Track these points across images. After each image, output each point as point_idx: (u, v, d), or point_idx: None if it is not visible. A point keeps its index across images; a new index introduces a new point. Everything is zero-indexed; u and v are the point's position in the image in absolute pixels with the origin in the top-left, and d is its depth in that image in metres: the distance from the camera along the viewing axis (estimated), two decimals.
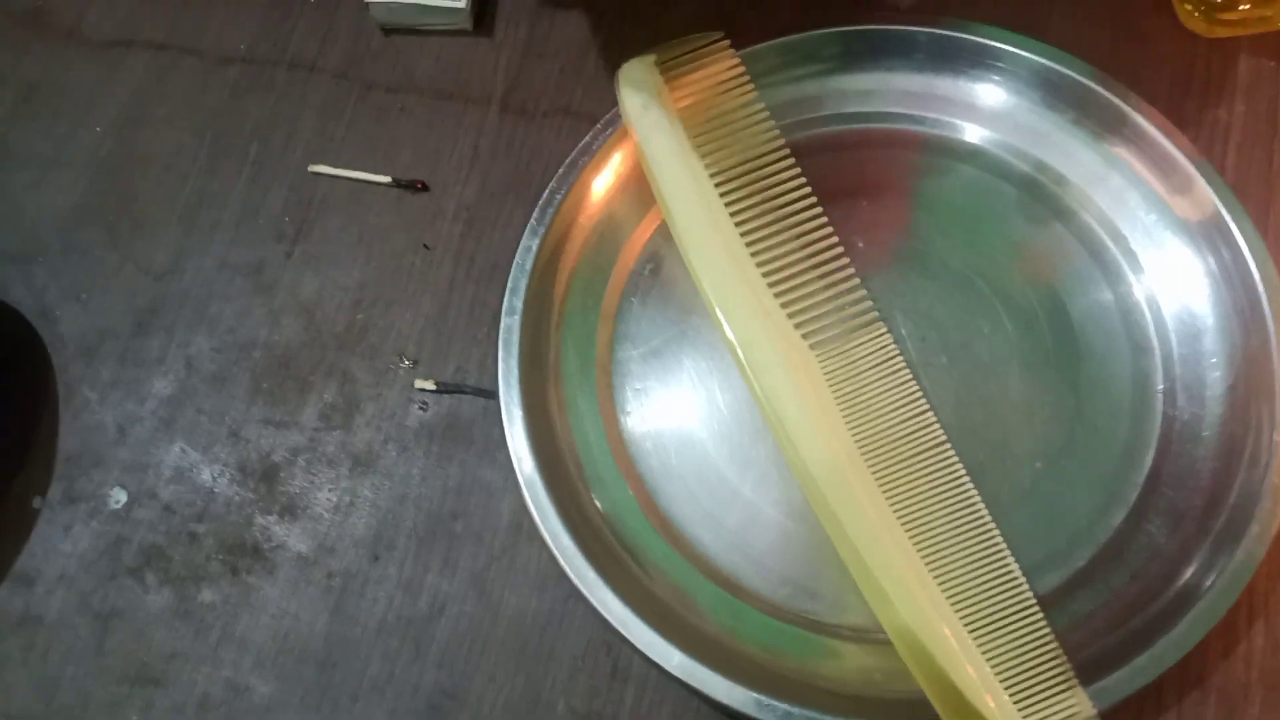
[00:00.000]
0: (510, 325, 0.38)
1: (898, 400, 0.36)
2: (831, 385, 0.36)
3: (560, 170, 0.40)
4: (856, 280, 0.38)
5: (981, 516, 0.35)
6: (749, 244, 0.37)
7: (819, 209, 0.38)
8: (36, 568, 0.38)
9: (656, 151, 0.38)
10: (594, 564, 0.34)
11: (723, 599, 0.36)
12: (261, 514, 0.38)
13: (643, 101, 0.39)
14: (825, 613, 0.35)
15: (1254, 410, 0.35)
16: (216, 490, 0.38)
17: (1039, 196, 0.40)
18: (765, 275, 0.37)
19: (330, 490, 0.38)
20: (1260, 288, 0.36)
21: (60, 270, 0.42)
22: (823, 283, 0.37)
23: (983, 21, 0.40)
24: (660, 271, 0.40)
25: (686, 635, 0.34)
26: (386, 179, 0.42)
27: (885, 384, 0.36)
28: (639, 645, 0.33)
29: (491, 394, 0.38)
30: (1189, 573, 0.34)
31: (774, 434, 0.36)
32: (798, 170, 0.38)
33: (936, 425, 0.36)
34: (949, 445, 0.36)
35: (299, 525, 0.38)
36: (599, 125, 0.40)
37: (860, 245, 0.39)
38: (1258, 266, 0.36)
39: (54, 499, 0.39)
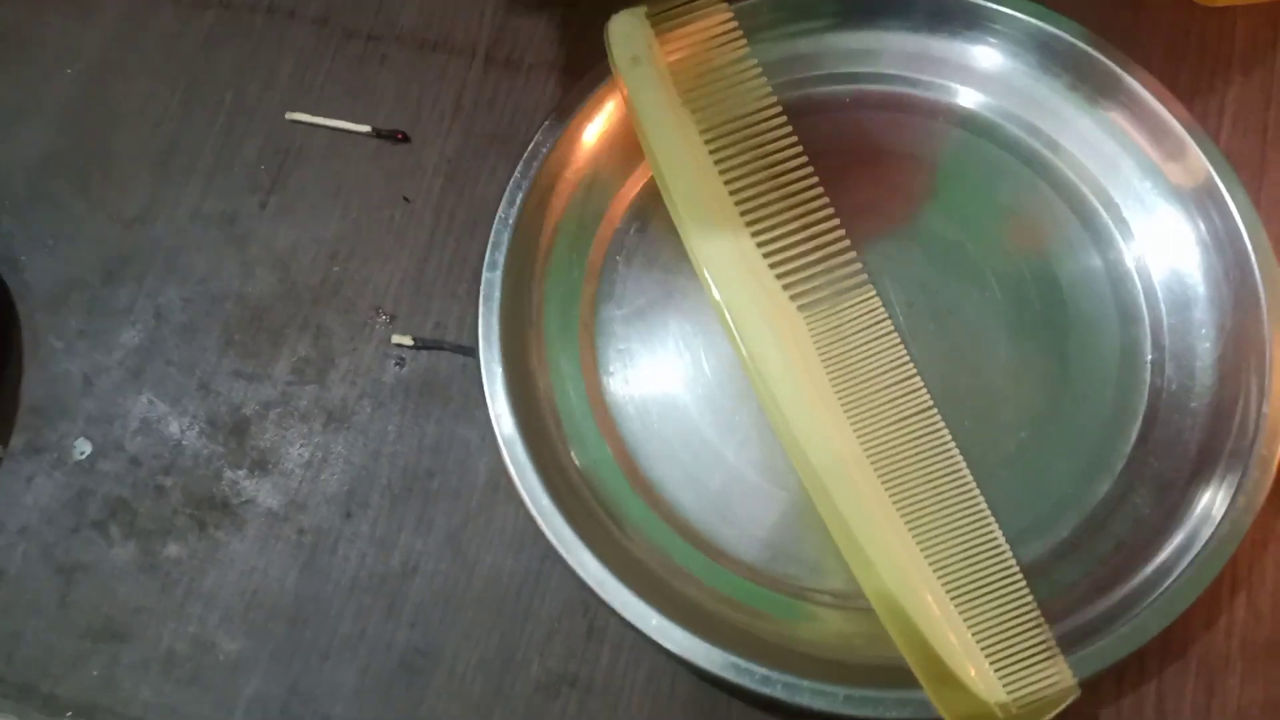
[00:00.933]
0: (491, 280, 0.37)
1: (884, 365, 0.35)
2: (818, 348, 0.35)
3: (546, 123, 0.39)
4: (846, 243, 0.37)
5: (966, 483, 0.34)
6: (738, 203, 0.37)
7: (810, 170, 0.37)
8: None
9: (646, 106, 0.37)
10: (572, 524, 0.34)
11: (702, 562, 0.35)
12: (231, 468, 0.37)
13: (633, 55, 0.38)
14: (806, 577, 0.35)
15: (1243, 381, 0.35)
16: (185, 443, 0.37)
17: (1031, 161, 0.39)
18: (754, 235, 0.36)
19: (302, 445, 0.37)
20: (1252, 257, 0.35)
21: (28, 218, 0.41)
22: (812, 244, 0.37)
23: None
24: (647, 230, 0.39)
25: (664, 597, 0.33)
26: (366, 129, 0.41)
27: (872, 348, 0.36)
28: (616, 606, 0.33)
29: (470, 351, 0.38)
30: (1173, 543, 0.33)
31: (759, 397, 0.35)
32: (790, 129, 0.38)
33: (923, 390, 0.35)
34: (935, 411, 0.35)
35: (269, 480, 0.37)
36: (586, 79, 0.39)
37: (849, 207, 0.39)
38: (1250, 236, 0.35)
39: (16, 449, 0.38)
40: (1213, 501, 0.33)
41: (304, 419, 0.38)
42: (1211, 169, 0.36)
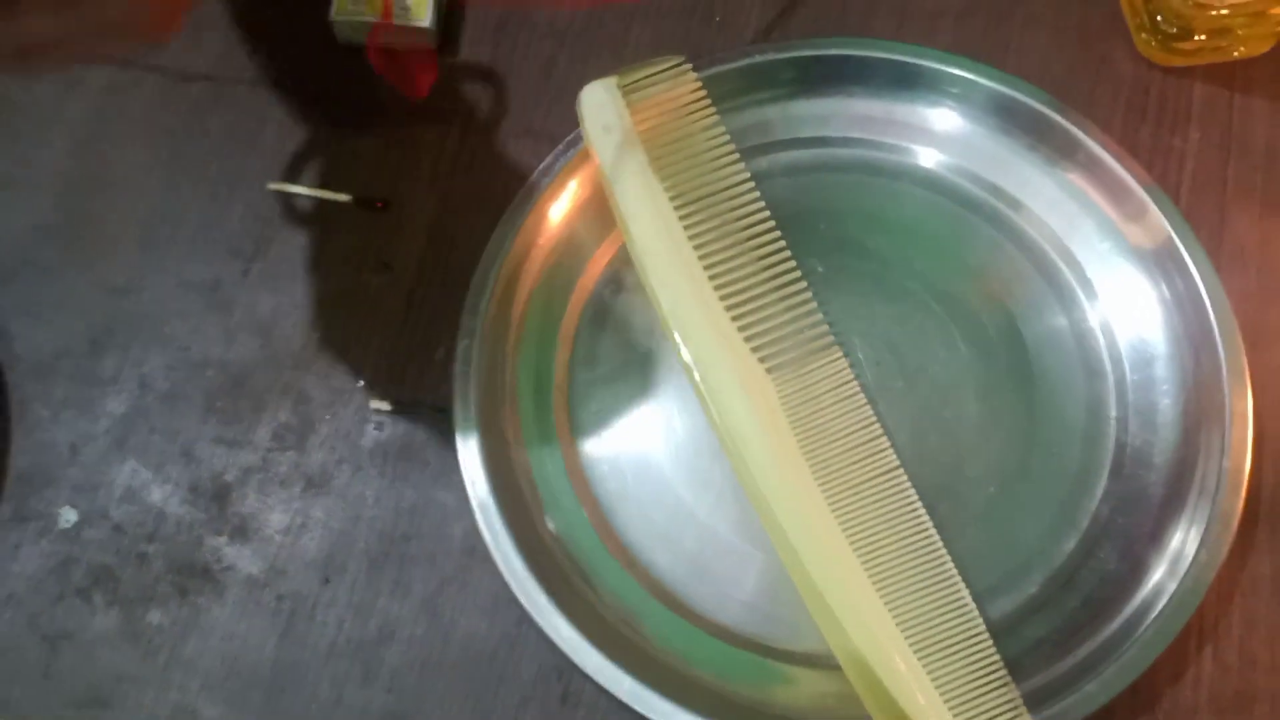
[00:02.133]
0: (467, 346, 0.38)
1: (852, 425, 0.36)
2: (787, 410, 0.36)
3: (521, 190, 0.40)
4: (814, 304, 0.38)
5: (933, 543, 0.35)
6: (707, 267, 0.37)
7: (778, 233, 0.38)
8: None
9: (617, 173, 0.38)
10: (546, 588, 0.34)
11: (676, 624, 0.36)
12: (212, 535, 0.38)
13: (604, 124, 0.39)
14: (780, 638, 0.35)
15: (1204, 437, 0.35)
16: (167, 510, 0.38)
17: (995, 221, 0.40)
18: (723, 299, 0.37)
19: (282, 511, 0.38)
20: (1211, 316, 0.36)
21: (17, 287, 0.41)
22: (781, 306, 0.37)
23: (942, 48, 0.40)
24: (620, 293, 0.40)
25: (638, 661, 0.34)
26: (347, 197, 0.42)
27: (840, 409, 0.36)
28: (589, 671, 0.33)
29: (447, 409, 0.38)
30: (1139, 598, 0.34)
31: (729, 458, 0.36)
32: (757, 194, 0.38)
33: (890, 451, 0.36)
34: (902, 471, 0.36)
35: (250, 546, 0.37)
36: (560, 146, 0.40)
37: (819, 269, 0.40)
38: (1209, 295, 0.36)
39: (4, 517, 0.38)
40: (1177, 555, 0.34)
41: (284, 484, 0.38)
42: (1171, 230, 0.37)
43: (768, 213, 0.38)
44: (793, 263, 0.38)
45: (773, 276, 0.38)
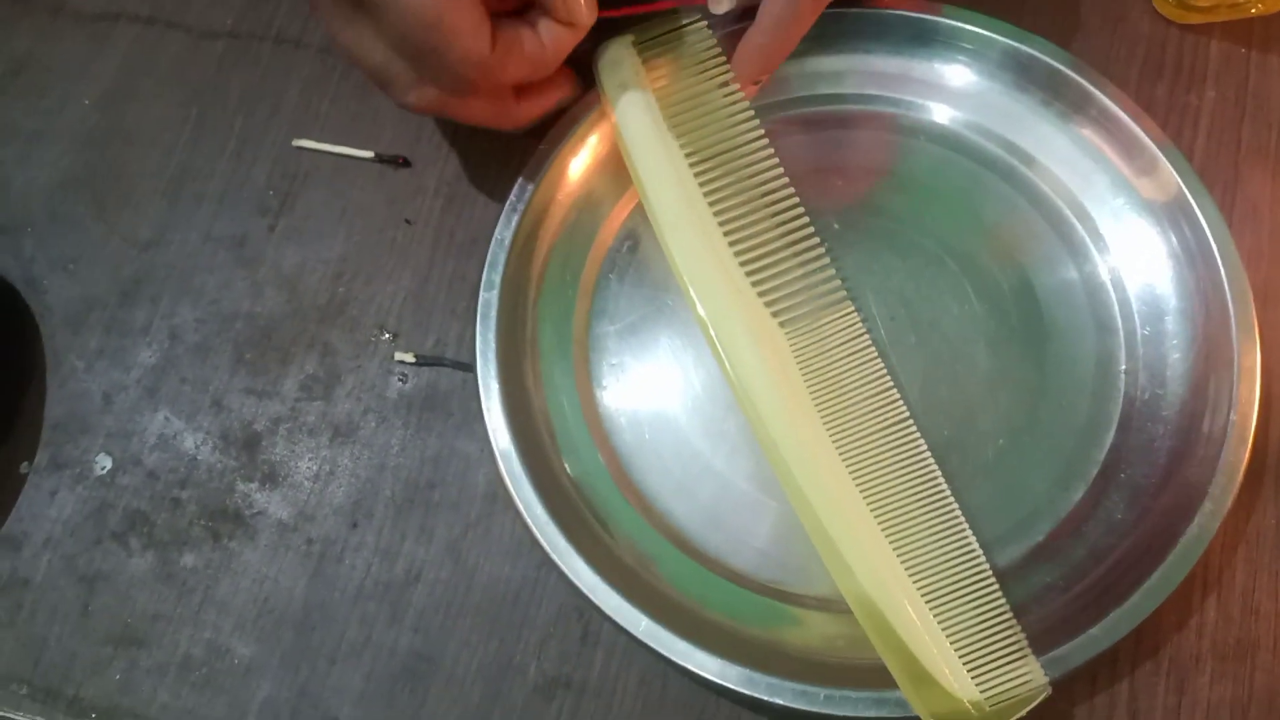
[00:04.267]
0: (489, 300, 0.38)
1: (863, 378, 0.37)
2: (799, 362, 0.37)
3: (540, 147, 0.40)
4: (827, 259, 0.38)
5: (942, 493, 0.36)
6: (722, 223, 0.38)
7: (791, 189, 0.39)
8: (24, 531, 0.39)
9: (632, 130, 0.39)
10: (566, 533, 0.35)
11: (691, 568, 0.37)
12: (243, 481, 0.39)
13: (620, 80, 0.39)
14: (792, 583, 0.36)
15: (1212, 391, 0.36)
16: (199, 458, 0.39)
17: (1009, 177, 0.40)
18: (737, 254, 0.38)
19: (310, 459, 0.39)
20: (1222, 271, 0.36)
21: (48, 241, 0.42)
22: (794, 261, 0.38)
23: (957, 4, 0.41)
24: (638, 249, 0.41)
25: (654, 602, 0.35)
26: (369, 154, 0.42)
27: (852, 361, 0.37)
28: (608, 611, 0.34)
29: (469, 367, 0.39)
30: (1144, 547, 0.34)
31: (743, 409, 0.37)
32: (771, 151, 0.39)
33: (900, 403, 0.37)
34: (912, 422, 0.36)
35: (279, 493, 0.39)
36: (578, 105, 0.40)
37: (834, 225, 0.40)
38: (1220, 250, 0.36)
39: (41, 465, 0.40)
40: (1183, 506, 0.35)
41: (312, 434, 0.39)
42: (1183, 184, 0.37)
43: (781, 169, 0.39)
44: (806, 219, 0.39)
45: (786, 232, 0.38)
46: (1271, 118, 0.41)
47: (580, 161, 0.40)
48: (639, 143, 0.39)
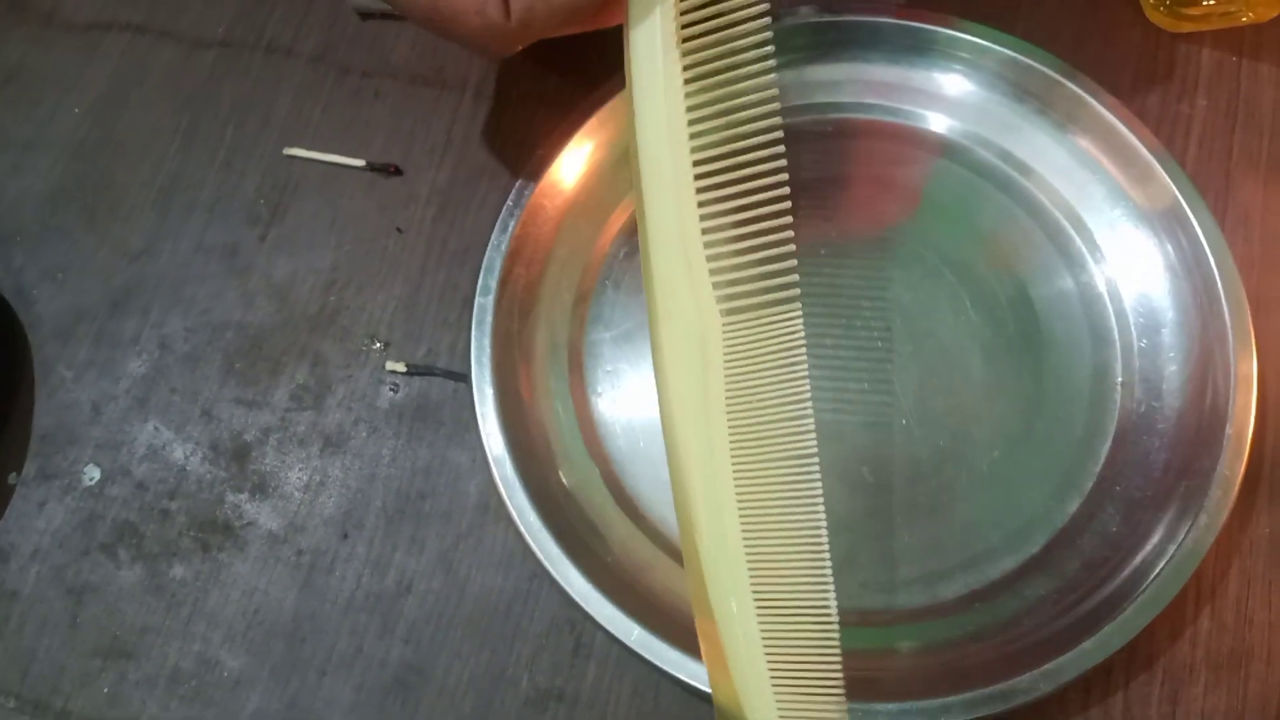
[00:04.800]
0: (484, 305, 0.38)
1: (783, 397, 0.33)
2: (727, 362, 0.33)
3: (536, 154, 0.40)
4: (791, 248, 0.33)
5: (819, 541, 0.32)
6: (699, 175, 0.33)
7: (783, 165, 0.33)
8: (12, 543, 0.38)
9: (640, 39, 0.33)
10: (559, 541, 0.35)
11: (683, 577, 0.36)
12: (233, 492, 0.39)
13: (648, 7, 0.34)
14: None
15: (1208, 403, 0.36)
16: (189, 468, 0.39)
17: (1005, 186, 0.40)
18: (703, 220, 0.33)
19: (301, 470, 0.39)
20: (1219, 284, 0.36)
21: (38, 251, 0.42)
22: (757, 241, 0.33)
23: (953, 14, 0.41)
24: (634, 255, 0.41)
25: (647, 611, 0.34)
26: (361, 163, 0.42)
27: (778, 376, 0.33)
28: (600, 620, 0.34)
29: (461, 376, 0.39)
30: (1139, 559, 0.34)
31: (656, 383, 0.33)
32: (779, 132, 0.33)
33: (812, 436, 0.33)
34: (816, 460, 0.33)
35: (269, 503, 0.38)
36: (574, 113, 0.40)
37: (832, 234, 0.40)
38: (1215, 260, 0.36)
39: (29, 476, 0.39)
40: (1178, 519, 0.34)
41: (302, 444, 0.39)
42: (1177, 193, 0.37)
43: (781, 148, 0.33)
44: (786, 206, 0.33)
45: (759, 205, 0.33)
46: (1263, 125, 0.41)
47: (575, 169, 0.40)
48: (644, 55, 0.33)
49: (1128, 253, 0.39)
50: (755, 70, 0.33)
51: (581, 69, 0.40)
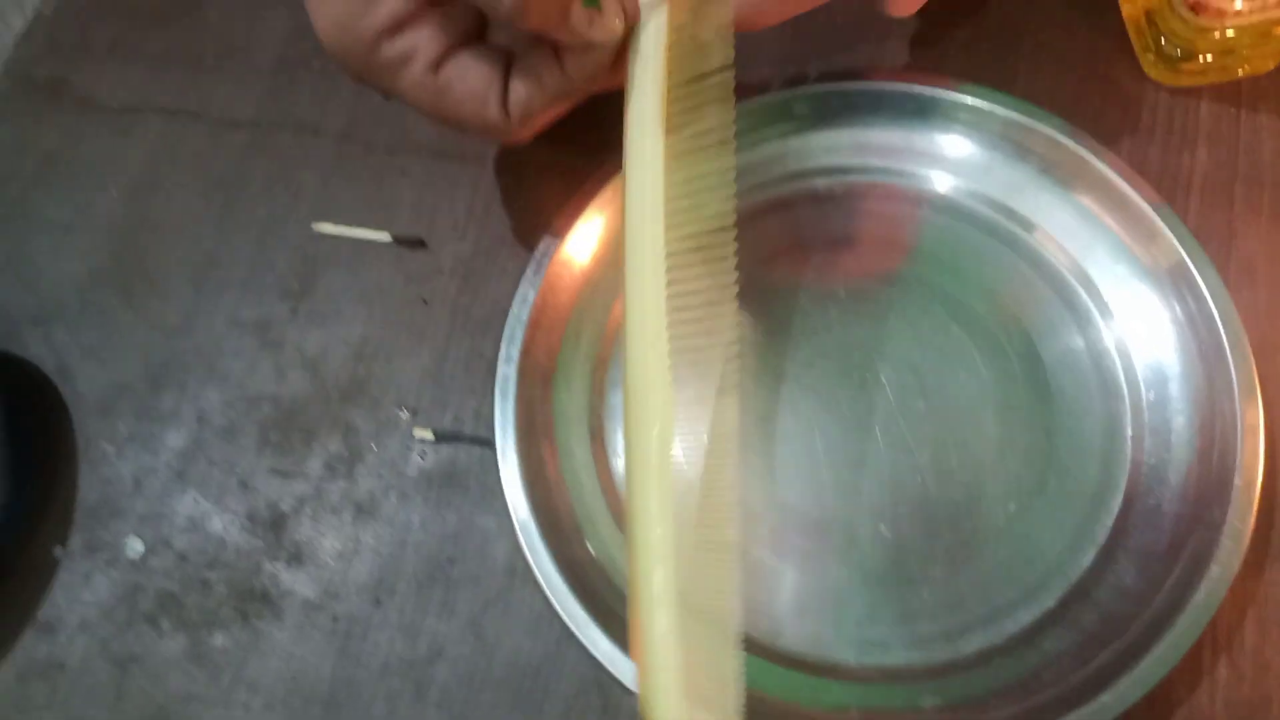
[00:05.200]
0: (507, 374, 0.40)
1: (712, 485, 0.33)
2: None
3: (553, 225, 0.41)
4: (732, 345, 0.34)
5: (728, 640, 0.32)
6: (668, 267, 0.33)
7: (729, 268, 0.34)
8: (59, 615, 0.40)
9: (634, 107, 0.35)
10: (585, 605, 0.36)
11: None
12: (270, 561, 0.40)
13: (646, 41, 0.35)
14: (809, 652, 0.37)
15: (1217, 454, 0.36)
16: (227, 539, 0.40)
17: (1011, 244, 0.41)
18: (668, 296, 0.33)
19: (334, 537, 0.40)
20: (1224, 338, 0.37)
21: (78, 330, 0.44)
22: (701, 328, 0.34)
23: (953, 75, 0.42)
24: None
25: None
26: (387, 236, 0.44)
27: (712, 466, 0.34)
28: (627, 682, 0.35)
29: (487, 441, 0.40)
30: (1154, 611, 0.35)
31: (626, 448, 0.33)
32: (732, 218, 0.35)
33: (732, 524, 0.33)
34: (732, 552, 0.33)
35: (305, 572, 0.40)
36: (589, 183, 0.42)
37: (841, 293, 0.41)
38: (1220, 314, 0.37)
39: (74, 549, 0.41)
40: (1191, 570, 0.35)
41: (335, 512, 0.40)
42: (1181, 250, 0.38)
43: (731, 240, 0.35)
44: (730, 306, 0.34)
45: (701, 304, 0.34)
46: (1263, 176, 0.42)
47: (591, 237, 0.42)
48: (633, 155, 0.35)
49: (1133, 307, 0.39)
50: (714, 155, 0.35)
51: (594, 141, 0.41)
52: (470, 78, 0.34)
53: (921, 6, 0.40)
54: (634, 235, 0.34)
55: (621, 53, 0.35)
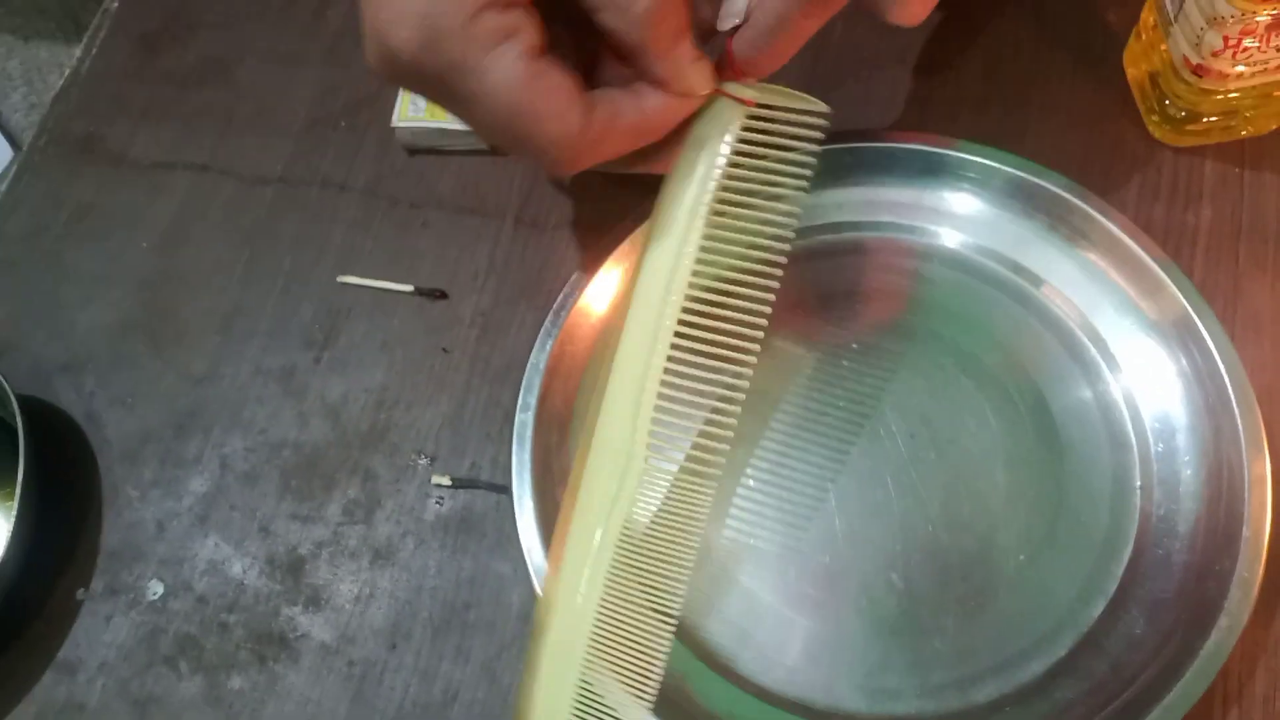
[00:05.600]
0: (524, 421, 0.40)
1: (666, 556, 0.35)
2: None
3: (572, 277, 0.42)
4: (729, 438, 0.35)
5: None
6: (676, 343, 0.34)
7: (747, 368, 0.35)
8: (80, 657, 0.40)
9: (671, 195, 0.35)
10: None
11: (721, 685, 0.37)
12: (288, 605, 0.40)
13: (702, 139, 0.34)
14: (820, 700, 0.37)
15: (1224, 506, 0.37)
16: (246, 582, 0.41)
17: (1020, 299, 0.42)
18: (669, 367, 0.34)
19: (352, 582, 0.40)
20: (1229, 389, 0.38)
21: (107, 377, 0.45)
22: (700, 413, 0.35)
23: (963, 136, 0.43)
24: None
25: (682, 718, 0.35)
26: (409, 288, 0.45)
27: (671, 538, 0.35)
28: None
29: (503, 489, 0.41)
30: (1164, 661, 0.35)
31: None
32: (763, 323, 0.35)
33: (680, 596, 0.35)
34: (672, 629, 0.35)
35: (322, 615, 0.40)
36: (607, 237, 0.43)
37: (853, 345, 0.42)
38: (1226, 368, 0.38)
39: (96, 591, 0.41)
40: (1201, 620, 0.35)
41: (353, 557, 0.41)
42: (1187, 305, 0.39)
43: (756, 343, 0.35)
44: (737, 405, 0.35)
45: (709, 394, 0.35)
46: (1268, 233, 0.42)
47: (608, 290, 0.43)
48: (667, 213, 0.35)
49: (1141, 361, 0.40)
50: (755, 258, 0.35)
51: (612, 197, 0.43)
52: (558, 75, 0.31)
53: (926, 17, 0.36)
54: (640, 309, 0.35)
55: (680, 132, 0.34)
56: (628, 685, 0.34)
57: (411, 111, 0.46)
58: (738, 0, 0.33)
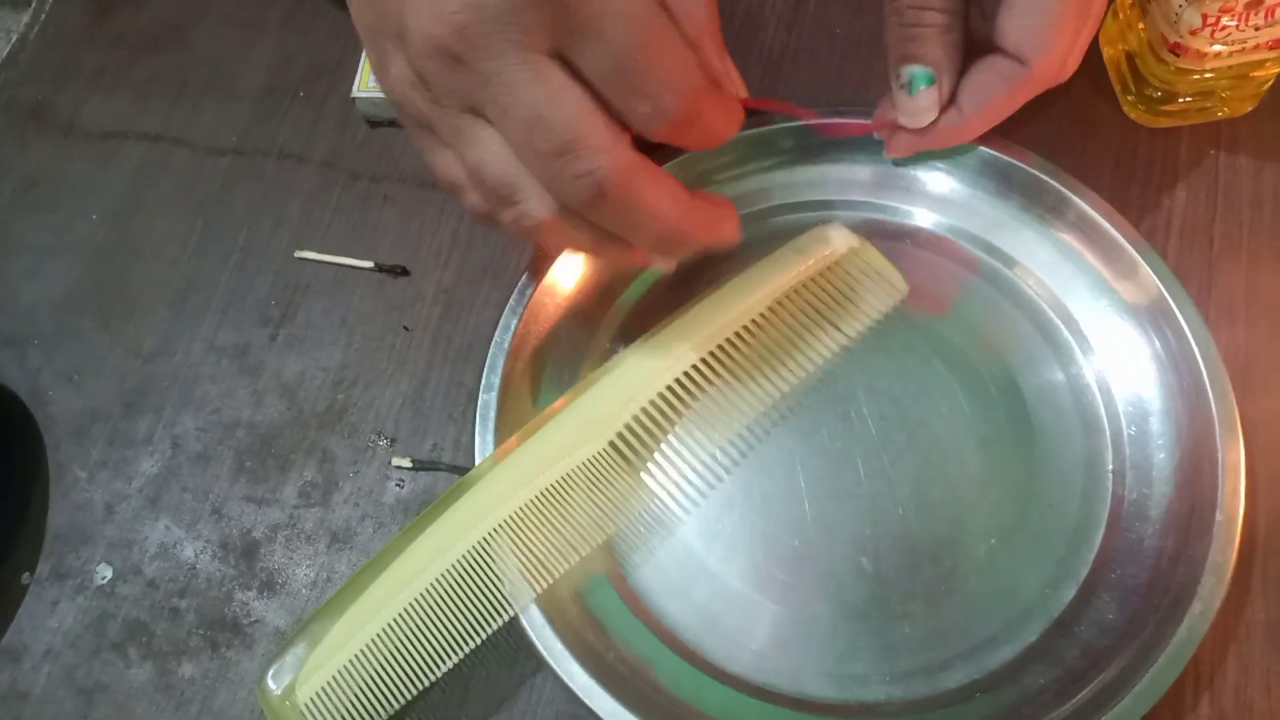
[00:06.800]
0: (488, 401, 0.39)
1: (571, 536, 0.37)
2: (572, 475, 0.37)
3: (536, 255, 0.41)
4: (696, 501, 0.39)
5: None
6: (702, 369, 0.38)
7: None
8: (24, 643, 0.39)
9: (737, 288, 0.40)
10: (561, 637, 0.36)
11: (687, 671, 0.37)
12: (241, 590, 0.39)
13: (796, 248, 0.40)
14: (787, 685, 0.36)
15: (1198, 490, 0.36)
16: (198, 566, 0.40)
17: (993, 280, 0.41)
18: (674, 385, 0.38)
19: (308, 566, 0.39)
20: (1203, 372, 0.37)
21: (54, 353, 0.43)
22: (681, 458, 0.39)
23: None
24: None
25: (650, 706, 0.35)
26: (369, 264, 0.44)
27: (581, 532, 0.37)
28: (603, 715, 0.34)
29: (465, 471, 0.40)
30: (1136, 647, 0.35)
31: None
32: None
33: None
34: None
35: (277, 600, 0.39)
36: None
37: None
38: (1200, 351, 0.37)
39: (42, 575, 0.40)
40: (1173, 606, 0.35)
41: (310, 540, 0.40)
42: (1161, 286, 0.38)
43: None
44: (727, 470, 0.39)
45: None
46: (1242, 215, 0.42)
47: (573, 269, 0.42)
48: (724, 299, 0.40)
49: (1114, 343, 0.40)
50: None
51: None
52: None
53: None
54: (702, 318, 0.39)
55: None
56: (523, 566, 0.36)
57: (372, 82, 0.44)
58: (921, 99, 0.38)
